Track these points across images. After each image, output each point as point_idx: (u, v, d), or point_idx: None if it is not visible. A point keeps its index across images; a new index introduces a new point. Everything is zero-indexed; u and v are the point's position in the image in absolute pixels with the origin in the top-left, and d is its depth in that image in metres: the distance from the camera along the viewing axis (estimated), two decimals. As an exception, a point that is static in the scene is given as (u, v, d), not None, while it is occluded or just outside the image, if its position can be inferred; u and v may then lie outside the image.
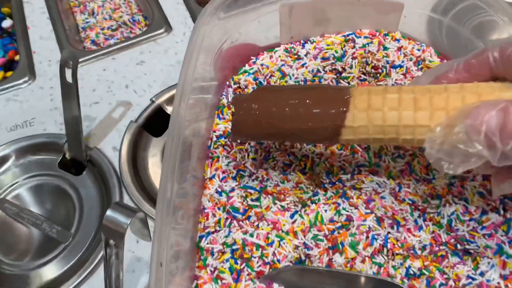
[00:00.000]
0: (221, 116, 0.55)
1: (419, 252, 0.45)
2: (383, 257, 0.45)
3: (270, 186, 0.50)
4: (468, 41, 0.56)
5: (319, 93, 0.40)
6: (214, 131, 0.54)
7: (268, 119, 0.40)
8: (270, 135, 0.41)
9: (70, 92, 0.57)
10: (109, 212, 0.38)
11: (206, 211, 0.48)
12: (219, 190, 0.49)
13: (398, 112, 0.37)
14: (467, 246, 0.45)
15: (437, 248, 0.45)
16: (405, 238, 0.46)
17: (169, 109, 0.69)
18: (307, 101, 0.39)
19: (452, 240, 0.45)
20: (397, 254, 0.45)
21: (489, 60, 0.36)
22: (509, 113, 0.30)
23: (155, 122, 0.68)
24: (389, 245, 0.46)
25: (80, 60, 0.71)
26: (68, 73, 0.56)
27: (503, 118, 0.30)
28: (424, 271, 0.44)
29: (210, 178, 0.50)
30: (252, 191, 0.49)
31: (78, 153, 0.62)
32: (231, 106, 0.56)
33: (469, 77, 0.38)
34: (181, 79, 0.47)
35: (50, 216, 0.60)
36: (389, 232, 0.46)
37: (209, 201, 0.49)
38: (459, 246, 0.45)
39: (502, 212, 0.47)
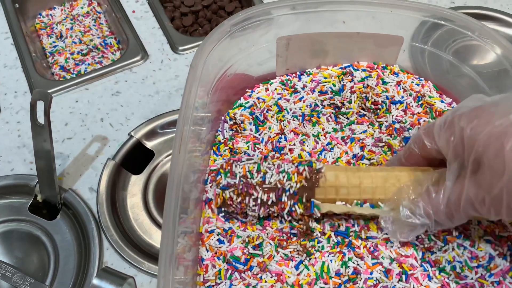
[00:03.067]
0: (217, 153, 0.56)
1: (428, 302, 0.46)
2: (392, 309, 0.46)
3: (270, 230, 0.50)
4: (451, 66, 0.60)
5: None
6: (211, 168, 0.55)
7: None
8: None
9: (41, 133, 0.56)
10: (95, 281, 0.37)
11: (204, 262, 0.48)
12: (221, 238, 0.49)
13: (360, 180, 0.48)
14: (478, 298, 0.46)
15: (447, 299, 0.47)
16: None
17: (148, 144, 0.69)
18: None
19: (462, 290, 0.47)
20: (406, 305, 0.46)
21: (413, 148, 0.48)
22: (430, 192, 0.44)
23: (134, 159, 0.68)
24: (398, 297, 0.46)
25: (49, 91, 0.70)
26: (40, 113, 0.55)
27: (428, 197, 0.45)
28: (434, 323, 0.45)
29: (210, 232, 0.50)
30: (253, 234, 0.50)
31: (52, 195, 0.61)
32: (227, 142, 0.56)
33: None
34: (180, 121, 0.46)
35: (21, 266, 0.58)
36: (397, 283, 0.47)
37: (207, 251, 0.49)
38: (469, 297, 0.47)
39: (509, 258, 0.49)
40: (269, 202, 0.48)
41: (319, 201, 0.48)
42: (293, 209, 0.48)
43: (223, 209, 0.50)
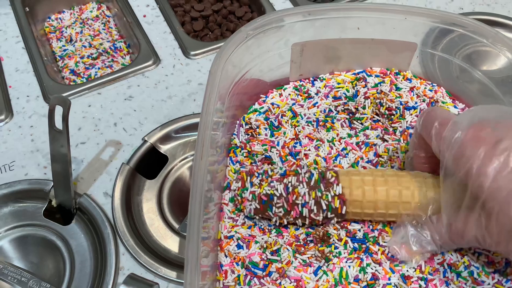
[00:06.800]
0: (234, 158, 0.56)
1: (447, 308, 0.47)
2: (411, 315, 0.46)
3: (287, 235, 0.51)
4: (461, 72, 0.61)
5: None
6: (228, 177, 0.56)
7: None
8: None
9: (59, 139, 0.56)
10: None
11: (224, 268, 0.48)
12: (240, 243, 0.49)
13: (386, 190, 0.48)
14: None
15: (465, 305, 0.47)
16: (432, 294, 0.47)
17: (162, 148, 0.69)
18: None
19: (480, 297, 0.47)
20: (425, 311, 0.47)
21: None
22: (433, 223, 0.47)
23: (148, 164, 0.68)
24: (417, 303, 0.47)
25: (62, 95, 0.70)
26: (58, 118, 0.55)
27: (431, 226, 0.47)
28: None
29: (229, 238, 0.50)
30: (270, 240, 0.50)
31: (66, 200, 0.61)
32: (246, 145, 0.57)
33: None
34: (202, 128, 0.47)
35: (37, 271, 0.58)
36: None
37: (226, 256, 0.49)
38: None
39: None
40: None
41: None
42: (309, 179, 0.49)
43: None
